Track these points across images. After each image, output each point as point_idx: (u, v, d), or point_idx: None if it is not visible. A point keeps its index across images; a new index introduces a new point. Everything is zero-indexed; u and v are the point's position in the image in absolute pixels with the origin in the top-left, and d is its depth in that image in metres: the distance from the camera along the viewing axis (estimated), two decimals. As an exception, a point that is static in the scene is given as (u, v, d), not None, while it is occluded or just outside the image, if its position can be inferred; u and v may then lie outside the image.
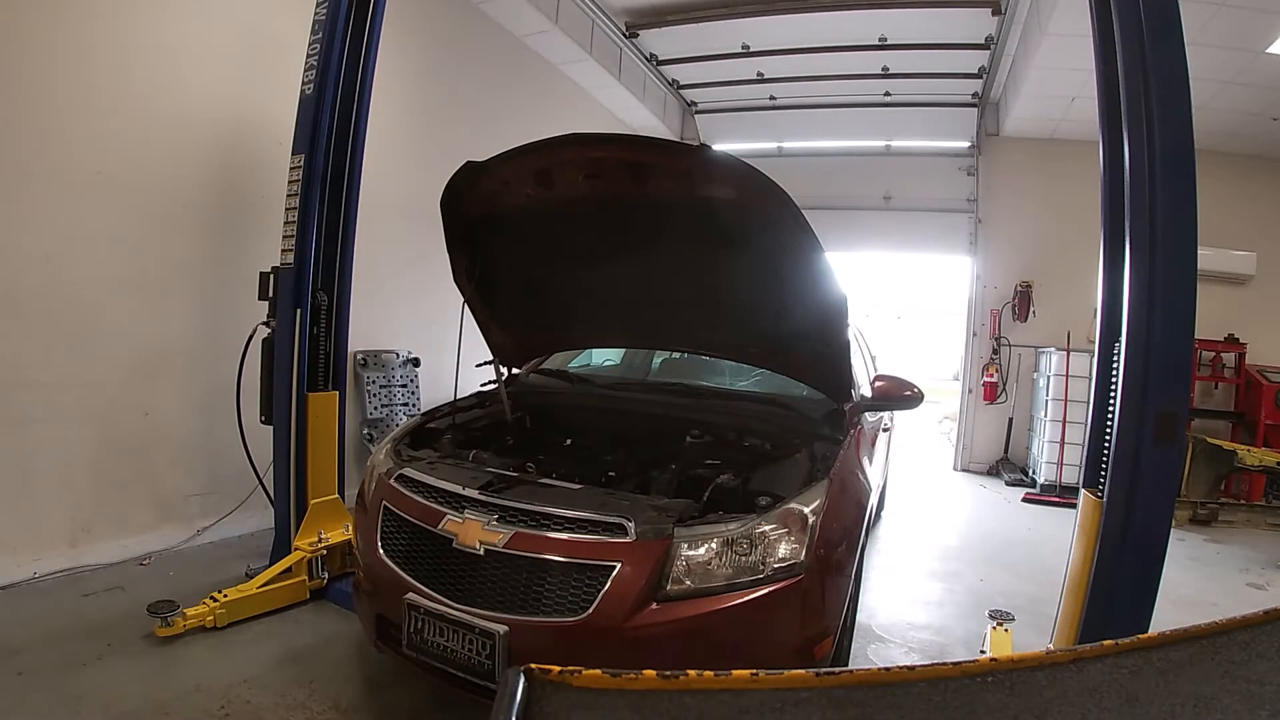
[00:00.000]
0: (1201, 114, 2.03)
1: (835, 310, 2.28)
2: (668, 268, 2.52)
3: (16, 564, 2.95)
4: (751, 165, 2.02)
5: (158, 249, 3.47)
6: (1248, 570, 4.58)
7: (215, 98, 3.67)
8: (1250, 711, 0.47)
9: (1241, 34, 4.71)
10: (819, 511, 1.93)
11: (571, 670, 0.45)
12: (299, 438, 3.09)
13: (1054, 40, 5.13)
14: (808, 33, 6.29)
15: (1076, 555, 2.21)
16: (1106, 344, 2.26)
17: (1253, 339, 6.81)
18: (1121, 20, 2.05)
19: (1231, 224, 6.48)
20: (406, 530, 2.09)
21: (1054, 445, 6.68)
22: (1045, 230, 7.44)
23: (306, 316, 3.07)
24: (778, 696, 0.45)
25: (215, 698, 2.22)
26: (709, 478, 2.22)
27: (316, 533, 3.08)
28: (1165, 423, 1.93)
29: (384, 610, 2.07)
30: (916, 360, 15.31)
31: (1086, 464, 2.34)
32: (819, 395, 2.70)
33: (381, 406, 4.74)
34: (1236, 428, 6.83)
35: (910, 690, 0.47)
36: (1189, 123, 1.95)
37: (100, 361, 3.28)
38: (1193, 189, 1.93)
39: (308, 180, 3.06)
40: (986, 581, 4.01)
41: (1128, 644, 0.53)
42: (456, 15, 5.36)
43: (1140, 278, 1.98)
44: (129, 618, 2.65)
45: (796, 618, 1.86)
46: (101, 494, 3.29)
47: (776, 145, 8.65)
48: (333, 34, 3.07)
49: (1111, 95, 2.18)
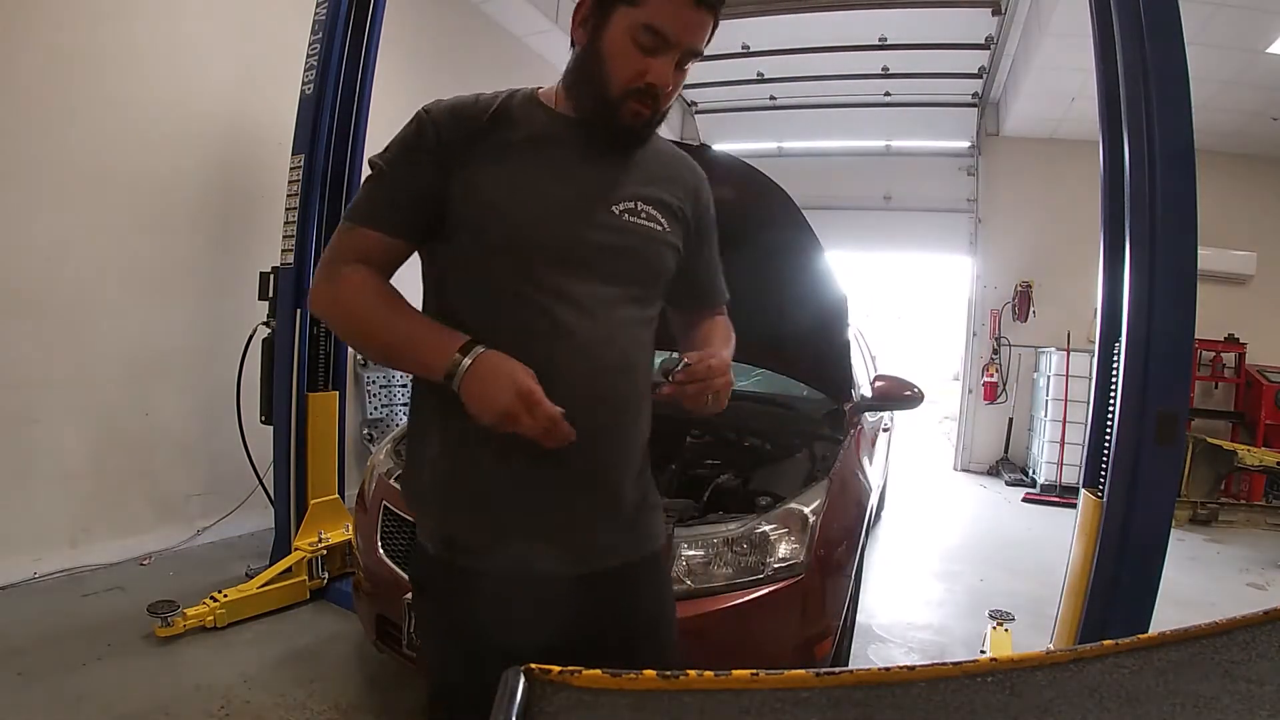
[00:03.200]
0: (1201, 114, 2.03)
1: (835, 310, 2.28)
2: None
3: (16, 564, 2.95)
4: (752, 165, 2.02)
5: (158, 249, 3.47)
6: (1248, 570, 4.58)
7: (215, 97, 3.67)
8: (1250, 711, 0.47)
9: (1241, 34, 4.71)
10: (819, 511, 1.93)
11: (571, 670, 0.45)
12: (299, 438, 3.09)
13: (1054, 40, 5.13)
14: (808, 33, 6.29)
15: (1076, 555, 2.21)
16: (1106, 344, 2.26)
17: (1253, 339, 6.81)
18: (1121, 20, 2.04)
19: (1231, 224, 6.47)
20: (407, 530, 2.08)
21: (1054, 445, 6.68)
22: (1045, 230, 7.44)
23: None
24: (778, 696, 0.45)
25: (215, 698, 2.22)
26: (709, 478, 2.22)
27: (316, 533, 3.08)
28: (1165, 423, 1.93)
29: (384, 610, 2.07)
30: (916, 360, 15.31)
31: (1086, 464, 2.34)
32: (819, 395, 2.70)
33: (381, 406, 4.75)
34: (1236, 428, 6.83)
35: (910, 690, 0.47)
36: (1189, 123, 1.95)
37: (100, 361, 3.28)
38: (1193, 189, 1.93)
39: (308, 180, 3.06)
40: (986, 581, 4.01)
41: (1128, 644, 0.53)
42: (456, 15, 5.36)
43: (1140, 278, 1.98)
44: (129, 618, 2.65)
45: (797, 618, 1.86)
46: (101, 494, 3.29)
47: (776, 145, 8.65)
48: (333, 34, 3.06)
49: (1111, 95, 2.18)
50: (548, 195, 1.02)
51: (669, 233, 1.09)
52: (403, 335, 1.00)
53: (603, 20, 0.98)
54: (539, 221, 1.00)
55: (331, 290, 1.02)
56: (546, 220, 1.01)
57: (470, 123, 1.03)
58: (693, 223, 1.16)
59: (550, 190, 1.02)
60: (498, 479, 1.01)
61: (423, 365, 0.98)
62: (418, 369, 1.01)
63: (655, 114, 1.02)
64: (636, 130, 1.03)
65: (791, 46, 6.55)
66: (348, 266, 1.01)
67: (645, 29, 0.95)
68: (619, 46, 0.97)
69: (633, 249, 1.06)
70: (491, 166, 1.01)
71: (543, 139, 1.04)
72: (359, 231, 1.02)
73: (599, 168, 1.05)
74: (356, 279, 1.00)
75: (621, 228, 1.04)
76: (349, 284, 1.00)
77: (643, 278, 1.08)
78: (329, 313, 1.05)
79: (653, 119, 1.03)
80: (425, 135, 1.03)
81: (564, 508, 1.03)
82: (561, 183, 1.03)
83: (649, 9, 0.95)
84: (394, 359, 1.07)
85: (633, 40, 0.96)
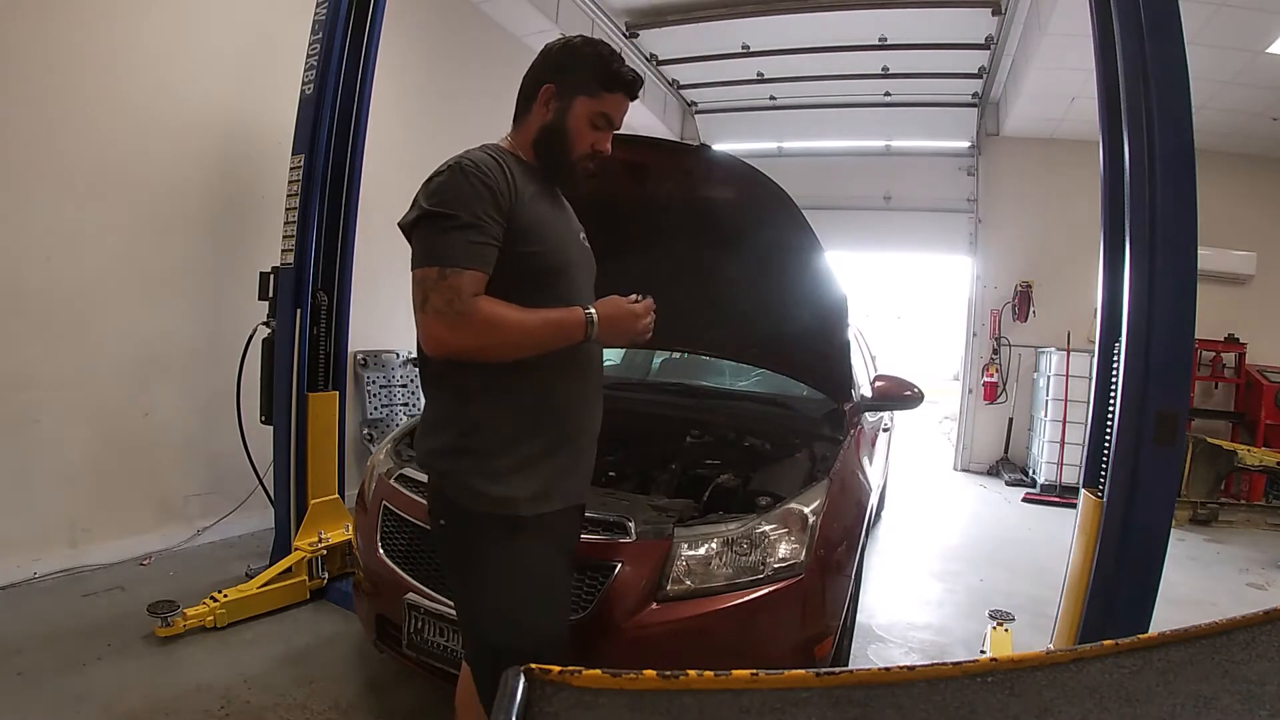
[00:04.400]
0: (1201, 114, 2.04)
1: (835, 310, 2.28)
2: (667, 268, 2.51)
3: (16, 564, 2.95)
4: (751, 165, 2.02)
5: (158, 249, 3.47)
6: (1248, 570, 4.58)
7: (215, 97, 3.67)
8: (1250, 711, 0.47)
9: (1241, 34, 4.71)
10: (819, 511, 1.93)
11: (571, 670, 0.45)
12: (299, 438, 3.09)
13: (1054, 40, 5.12)
14: (808, 33, 6.28)
15: (1076, 555, 2.21)
16: (1106, 344, 2.26)
17: (1253, 339, 6.81)
18: (1121, 20, 2.04)
19: (1231, 224, 6.47)
20: (407, 530, 2.09)
21: (1054, 445, 6.68)
22: (1045, 230, 7.44)
23: (306, 316, 3.07)
24: (778, 696, 0.45)
25: (215, 698, 2.22)
26: (709, 478, 2.22)
27: (316, 533, 3.08)
28: (1165, 423, 1.93)
29: (384, 610, 2.07)
30: (916, 360, 15.31)
31: (1086, 464, 2.34)
32: (819, 395, 2.70)
33: (381, 406, 4.75)
34: (1236, 428, 6.83)
35: (910, 690, 0.47)
36: (1189, 123, 1.95)
37: (100, 362, 3.28)
38: (1193, 189, 1.93)
39: (308, 180, 3.06)
40: (986, 581, 4.01)
41: (1128, 644, 0.53)
42: (456, 15, 5.36)
43: (1140, 278, 1.98)
44: (129, 618, 2.65)
45: (797, 618, 1.86)
46: (101, 494, 3.29)
47: (776, 145, 8.65)
48: (333, 34, 3.06)
49: (1111, 95, 2.18)
50: (560, 227, 1.44)
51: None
52: (542, 326, 1.31)
53: (567, 105, 1.40)
54: (566, 247, 1.42)
55: (474, 325, 1.25)
56: (567, 246, 1.43)
57: (504, 181, 1.31)
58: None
59: (560, 225, 1.44)
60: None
61: (567, 338, 1.33)
62: (563, 342, 1.34)
63: (599, 169, 1.46)
64: (585, 181, 1.47)
65: (791, 46, 6.55)
66: (473, 302, 1.25)
67: (600, 115, 1.41)
68: (580, 126, 1.40)
69: (591, 264, 1.54)
70: (528, 211, 1.34)
71: (538, 189, 1.40)
72: (469, 274, 1.25)
73: (564, 206, 1.50)
74: (488, 307, 1.26)
75: (587, 249, 1.53)
76: (488, 313, 1.26)
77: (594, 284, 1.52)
78: (482, 342, 1.28)
79: (596, 173, 1.46)
80: (486, 188, 1.28)
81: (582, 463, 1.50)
82: (564, 219, 1.47)
83: (605, 104, 1.41)
84: (543, 346, 1.33)
85: (589, 123, 1.41)
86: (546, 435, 1.40)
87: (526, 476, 1.36)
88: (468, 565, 1.38)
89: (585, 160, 1.42)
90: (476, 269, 1.26)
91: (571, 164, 1.42)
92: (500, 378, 1.35)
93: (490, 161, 1.32)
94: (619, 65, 1.41)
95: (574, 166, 1.42)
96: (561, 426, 1.42)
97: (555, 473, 1.40)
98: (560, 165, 1.43)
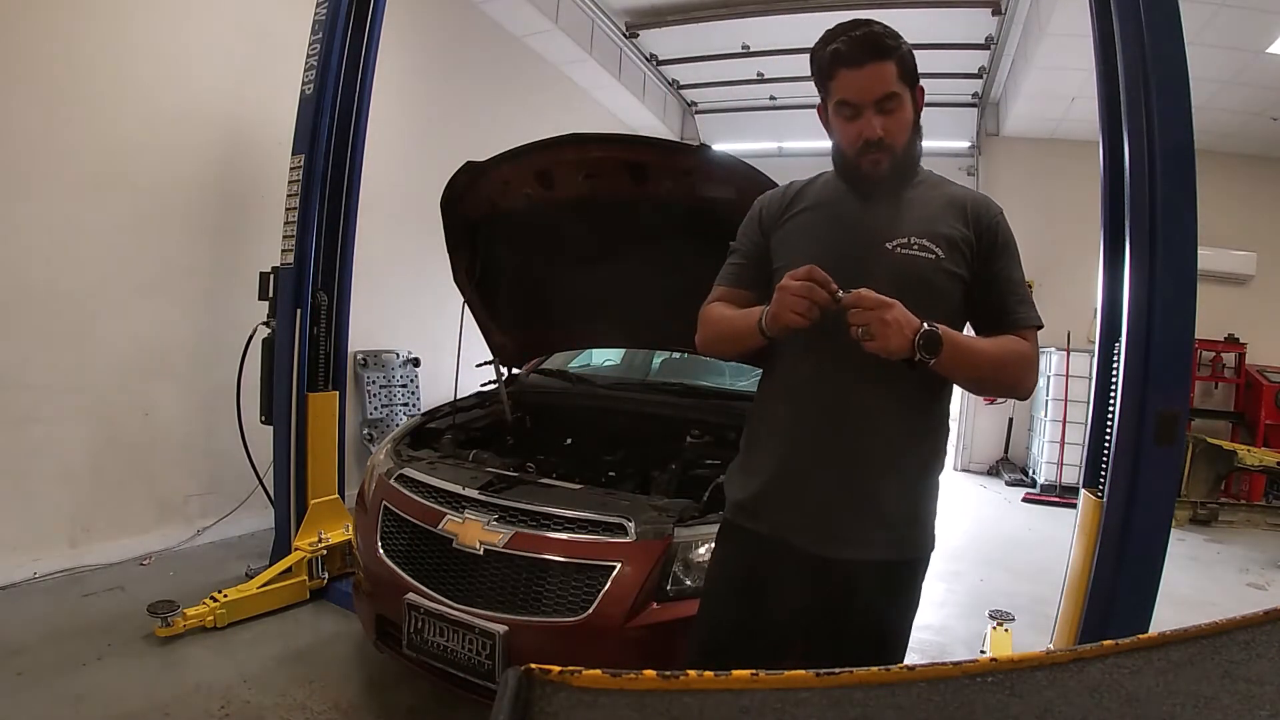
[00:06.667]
0: (1201, 114, 2.03)
1: (835, 310, 2.27)
2: (668, 268, 2.51)
3: (16, 564, 2.95)
4: (751, 165, 2.02)
5: (158, 249, 3.47)
6: (1248, 570, 4.58)
7: (215, 97, 3.67)
8: (1250, 711, 0.47)
9: (1241, 34, 4.71)
10: (819, 511, 1.92)
11: (571, 670, 0.44)
12: (299, 438, 3.09)
13: (1054, 40, 5.13)
14: (808, 33, 6.17)
15: (1076, 555, 2.21)
16: (1106, 344, 2.26)
17: (1253, 339, 6.81)
18: (1121, 20, 2.04)
19: (1231, 224, 6.48)
20: (406, 530, 2.09)
21: (1054, 445, 6.68)
22: (1045, 230, 7.41)
23: (306, 316, 3.07)
24: (778, 696, 0.45)
25: (215, 698, 2.22)
26: (709, 477, 2.22)
27: (316, 533, 3.08)
28: (1165, 423, 1.93)
29: (384, 610, 2.07)
30: (916, 360, 15.27)
31: (1086, 464, 2.34)
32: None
33: (381, 406, 4.75)
34: (1236, 428, 6.83)
35: (910, 690, 0.47)
36: (1189, 123, 1.95)
37: (100, 361, 3.28)
38: (1193, 189, 1.93)
39: (308, 180, 3.06)
40: (987, 581, 4.01)
41: (1128, 644, 0.52)
42: (456, 15, 5.36)
43: (1140, 278, 1.98)
44: (129, 618, 2.65)
45: (797, 618, 1.86)
46: (101, 494, 3.29)
47: (776, 145, 8.64)
48: (333, 34, 3.06)
49: (1111, 95, 2.18)
50: (823, 240, 1.36)
51: (944, 260, 1.31)
52: (735, 322, 1.37)
53: (825, 116, 1.37)
54: (822, 260, 1.24)
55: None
56: (825, 259, 1.25)
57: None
58: (976, 249, 1.37)
59: (825, 236, 1.37)
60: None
61: (752, 333, 1.30)
62: (752, 339, 1.32)
63: (893, 159, 1.32)
64: (880, 176, 1.33)
65: (791, 46, 6.54)
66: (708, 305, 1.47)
67: (839, 105, 1.31)
68: (835, 124, 1.35)
69: (903, 275, 1.28)
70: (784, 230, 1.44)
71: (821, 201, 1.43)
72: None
73: (872, 213, 1.35)
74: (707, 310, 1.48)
75: (894, 260, 1.30)
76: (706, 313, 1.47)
77: (917, 300, 1.21)
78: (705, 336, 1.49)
79: (893, 163, 1.33)
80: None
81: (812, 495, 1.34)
82: (840, 229, 1.37)
83: (836, 91, 1.30)
84: (742, 340, 1.37)
85: (839, 115, 1.32)
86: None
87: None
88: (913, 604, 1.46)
89: (860, 155, 1.32)
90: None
91: (855, 165, 1.34)
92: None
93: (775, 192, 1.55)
94: (820, 48, 1.32)
95: (857, 167, 1.34)
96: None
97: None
98: (848, 172, 1.38)
